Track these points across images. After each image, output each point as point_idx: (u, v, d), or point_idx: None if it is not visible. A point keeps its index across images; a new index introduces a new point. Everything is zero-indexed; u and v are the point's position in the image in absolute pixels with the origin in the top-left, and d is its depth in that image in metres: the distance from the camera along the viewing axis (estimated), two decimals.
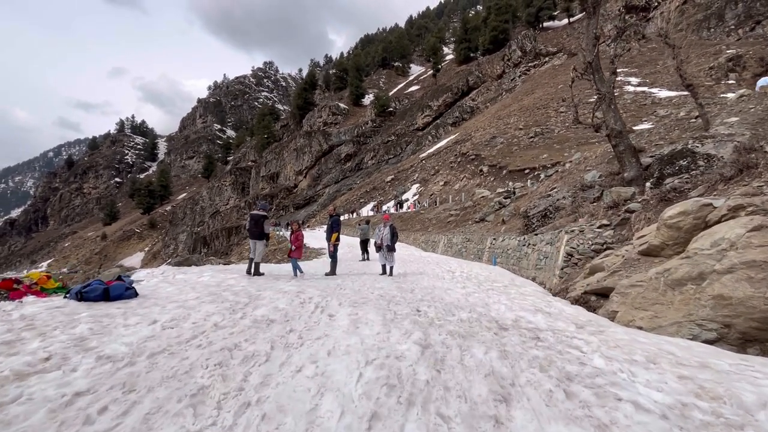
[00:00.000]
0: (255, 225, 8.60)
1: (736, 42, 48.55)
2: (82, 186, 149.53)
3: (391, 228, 9.09)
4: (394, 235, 9.01)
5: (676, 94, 35.39)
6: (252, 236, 8.79)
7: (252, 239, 8.84)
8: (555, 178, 11.81)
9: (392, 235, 9.06)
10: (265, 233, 8.69)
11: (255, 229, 8.62)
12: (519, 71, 62.67)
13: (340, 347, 3.46)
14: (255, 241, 8.74)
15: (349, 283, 7.44)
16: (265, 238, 8.78)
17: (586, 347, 3.56)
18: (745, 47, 42.31)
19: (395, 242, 8.91)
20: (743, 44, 43.57)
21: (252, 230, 8.70)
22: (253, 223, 8.66)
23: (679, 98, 33.42)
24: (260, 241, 8.75)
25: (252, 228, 8.70)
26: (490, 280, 8.00)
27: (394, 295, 6.19)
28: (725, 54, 42.09)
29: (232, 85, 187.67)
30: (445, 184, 38.77)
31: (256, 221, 8.59)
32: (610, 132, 7.75)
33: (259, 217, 8.62)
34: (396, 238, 9.03)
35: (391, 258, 9.12)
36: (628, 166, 7.63)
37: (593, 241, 6.87)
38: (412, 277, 8.66)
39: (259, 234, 8.66)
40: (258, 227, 8.57)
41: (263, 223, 8.62)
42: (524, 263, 9.11)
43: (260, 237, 8.69)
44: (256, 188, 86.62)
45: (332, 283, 7.38)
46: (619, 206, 6.92)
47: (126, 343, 3.28)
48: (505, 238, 10.22)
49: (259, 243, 8.75)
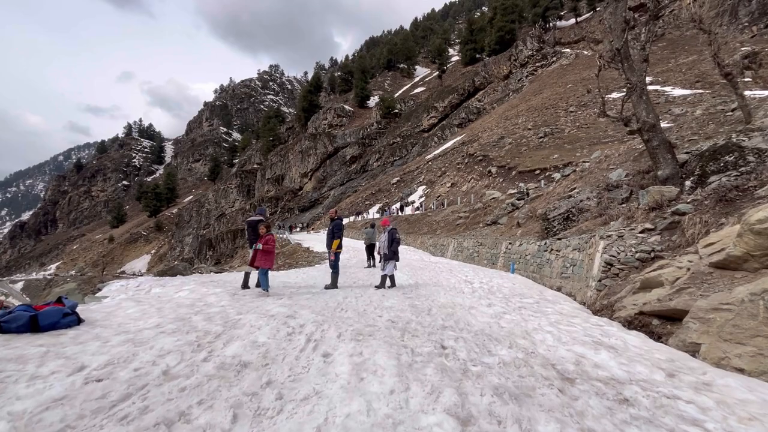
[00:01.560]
0: (253, 232, 7.91)
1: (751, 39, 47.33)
2: (90, 189, 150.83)
3: (390, 233, 8.28)
4: (393, 241, 8.19)
5: (690, 92, 34.34)
6: (250, 245, 8.06)
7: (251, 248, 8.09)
8: (573, 178, 11.04)
9: (391, 241, 8.23)
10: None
11: (254, 236, 7.91)
12: (526, 71, 61.72)
13: (336, 419, 2.39)
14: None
15: (352, 301, 6.41)
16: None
17: (710, 423, 2.47)
18: (760, 44, 41.10)
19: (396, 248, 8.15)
20: (758, 41, 42.32)
21: (251, 239, 8.01)
22: (251, 231, 8.01)
23: (694, 96, 32.39)
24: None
25: (251, 236, 8.02)
26: (517, 294, 6.98)
27: (409, 321, 5.09)
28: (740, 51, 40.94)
29: (238, 88, 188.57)
30: (452, 185, 38.00)
31: (253, 228, 7.92)
32: (642, 125, 6.99)
33: (255, 222, 7.94)
34: (396, 244, 8.22)
35: (390, 266, 8.27)
36: (662, 163, 6.85)
37: (637, 248, 5.89)
38: (426, 291, 7.63)
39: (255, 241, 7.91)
40: (255, 234, 7.86)
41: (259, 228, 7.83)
42: (546, 271, 8.19)
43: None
44: (261, 191, 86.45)
45: (332, 301, 6.35)
46: (662, 207, 6.06)
47: (12, 415, 2.17)
48: (523, 242, 9.35)
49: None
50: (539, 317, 5.38)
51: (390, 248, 8.22)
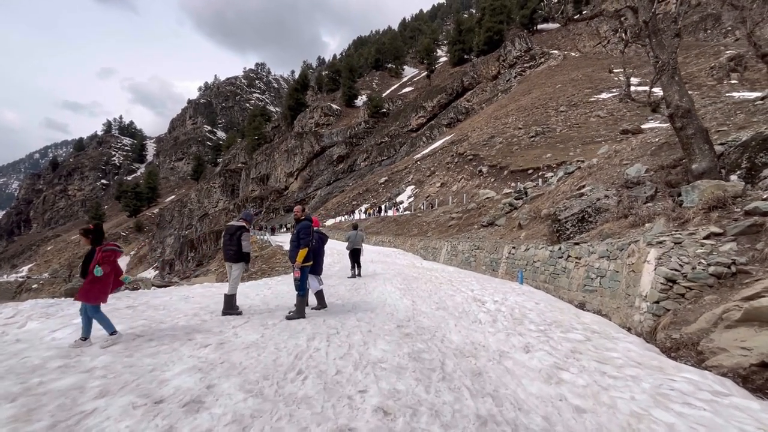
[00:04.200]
0: (230, 241, 6.03)
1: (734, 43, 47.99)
2: (66, 188, 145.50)
3: (320, 237, 6.55)
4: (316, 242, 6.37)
5: None
6: (226, 257, 6.12)
7: (227, 261, 6.17)
8: (580, 175, 10.19)
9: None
10: (243, 253, 6.01)
11: (229, 246, 6.01)
12: (515, 72, 61.63)
13: None
14: (230, 264, 6.09)
15: (320, 350, 4.12)
16: (244, 259, 6.08)
17: None
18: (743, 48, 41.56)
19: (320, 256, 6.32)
20: (741, 46, 42.82)
21: (226, 248, 6.07)
22: (227, 239, 6.09)
23: None
24: (237, 264, 6.06)
25: (226, 245, 6.08)
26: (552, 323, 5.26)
27: (416, 404, 2.99)
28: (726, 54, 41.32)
29: (223, 86, 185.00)
30: (442, 185, 37.20)
31: (231, 235, 6.04)
32: (675, 110, 6.10)
33: (235, 229, 6.05)
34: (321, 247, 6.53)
35: (315, 282, 6.37)
36: (698, 155, 5.96)
37: (708, 259, 4.45)
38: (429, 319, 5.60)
39: (235, 254, 5.99)
40: (233, 244, 5.97)
41: (240, 238, 5.98)
42: (563, 281, 7.00)
43: (237, 258, 6.02)
44: (245, 190, 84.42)
45: (286, 352, 4.03)
46: (726, 206, 5.04)
47: None
48: (530, 246, 8.23)
49: (235, 267, 6.06)
50: (623, 382, 3.49)
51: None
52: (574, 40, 66.93)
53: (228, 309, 5.91)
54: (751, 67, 37.19)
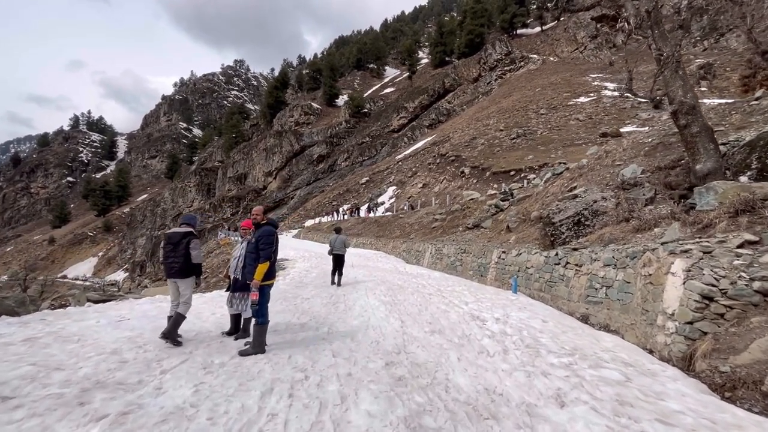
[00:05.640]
0: (173, 252, 4.70)
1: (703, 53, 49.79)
2: (29, 185, 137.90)
3: (248, 247, 4.82)
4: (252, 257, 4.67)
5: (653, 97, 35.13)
6: (170, 272, 4.74)
7: (170, 278, 4.78)
8: (569, 176, 9.88)
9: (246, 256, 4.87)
10: (194, 265, 4.76)
11: (173, 258, 4.68)
12: (495, 75, 62.25)
13: None
14: (175, 280, 4.75)
15: (279, 411, 3.00)
16: (195, 272, 4.84)
17: None
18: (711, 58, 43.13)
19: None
20: (709, 55, 44.45)
21: (169, 261, 4.71)
22: (169, 249, 4.73)
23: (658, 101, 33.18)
24: (186, 280, 4.77)
25: (168, 257, 4.72)
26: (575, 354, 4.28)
27: None
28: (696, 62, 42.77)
29: (200, 82, 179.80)
30: (424, 186, 36.89)
31: (175, 245, 4.72)
32: (679, 107, 5.75)
33: (180, 236, 4.74)
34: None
35: (243, 303, 5.09)
36: (703, 155, 5.62)
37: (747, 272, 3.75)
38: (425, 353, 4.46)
39: (181, 267, 4.69)
40: (178, 255, 4.68)
41: (189, 246, 4.72)
42: (561, 291, 6.47)
43: (186, 272, 4.73)
44: (222, 190, 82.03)
45: (229, 413, 2.95)
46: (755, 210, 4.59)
47: None
48: (522, 251, 7.81)
49: (182, 284, 4.76)
50: None
51: (243, 268, 4.91)
52: (553, 45, 68.27)
53: (170, 333, 4.53)
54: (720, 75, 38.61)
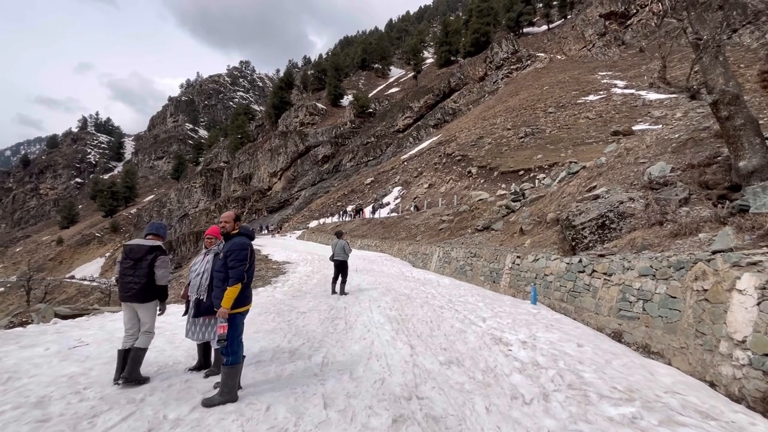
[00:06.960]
0: (133, 270, 3.79)
1: None
2: (38, 186, 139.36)
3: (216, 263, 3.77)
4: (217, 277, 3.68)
5: (665, 97, 34.27)
6: (125, 294, 3.80)
7: (125, 301, 3.85)
8: (587, 175, 9.32)
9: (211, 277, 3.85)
10: (158, 287, 3.89)
11: (132, 276, 3.77)
12: (501, 74, 61.53)
13: None
14: (134, 305, 3.83)
15: None
16: (159, 297, 3.94)
17: None
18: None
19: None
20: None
21: (127, 281, 3.79)
22: (129, 266, 3.82)
23: (670, 100, 32.31)
24: (144, 305, 3.85)
25: (127, 275, 3.80)
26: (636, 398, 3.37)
27: None
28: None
29: (205, 83, 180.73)
30: (430, 186, 36.34)
31: (137, 261, 3.81)
32: (720, 96, 5.19)
33: (145, 251, 3.84)
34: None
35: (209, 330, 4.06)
36: (748, 150, 5.06)
37: None
38: (443, 399, 3.50)
39: (141, 290, 3.78)
40: (139, 275, 3.77)
41: (154, 264, 3.83)
42: (587, 302, 5.82)
43: (145, 296, 3.82)
44: (227, 190, 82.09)
45: None
46: None
47: None
48: (539, 256, 7.24)
49: (141, 309, 3.86)
50: None
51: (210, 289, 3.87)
52: (560, 43, 67.31)
53: (131, 375, 3.61)
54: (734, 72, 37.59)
